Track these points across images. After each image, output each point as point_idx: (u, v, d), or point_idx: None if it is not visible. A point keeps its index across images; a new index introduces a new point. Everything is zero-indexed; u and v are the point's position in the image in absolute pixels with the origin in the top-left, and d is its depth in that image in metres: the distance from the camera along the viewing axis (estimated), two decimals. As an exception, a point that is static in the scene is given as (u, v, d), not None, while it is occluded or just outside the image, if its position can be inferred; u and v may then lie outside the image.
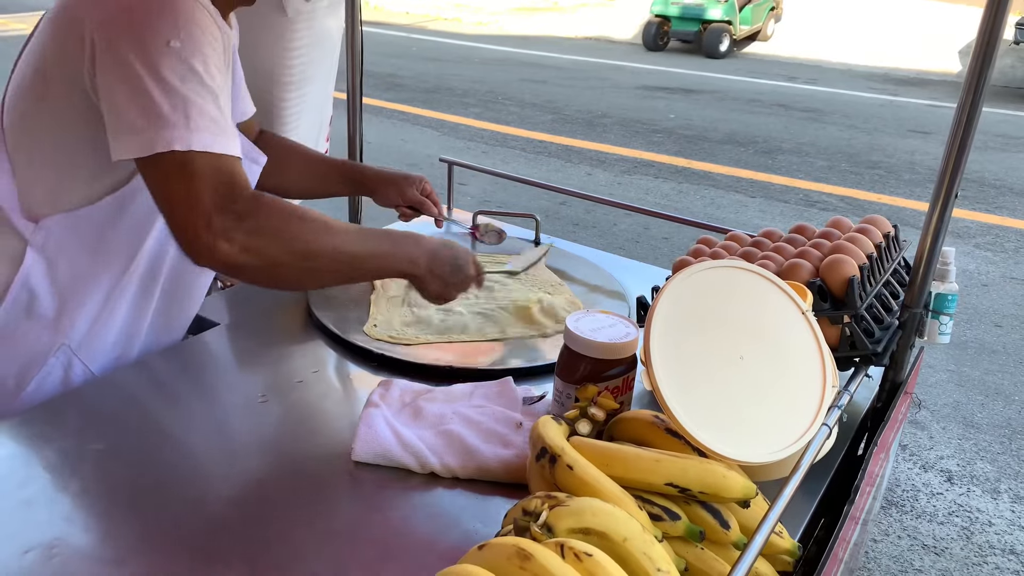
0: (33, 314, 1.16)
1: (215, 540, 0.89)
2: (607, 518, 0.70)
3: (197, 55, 1.01)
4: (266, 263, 1.03)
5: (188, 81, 0.99)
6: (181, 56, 0.99)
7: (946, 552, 2.41)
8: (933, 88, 10.35)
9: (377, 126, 6.99)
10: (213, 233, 0.98)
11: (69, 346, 1.20)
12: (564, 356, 1.03)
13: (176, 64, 0.99)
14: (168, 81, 0.98)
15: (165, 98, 0.98)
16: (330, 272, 1.12)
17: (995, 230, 5.14)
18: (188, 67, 0.99)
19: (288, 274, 1.07)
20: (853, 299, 1.09)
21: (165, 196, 1.01)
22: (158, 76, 0.98)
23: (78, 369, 1.22)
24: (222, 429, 1.12)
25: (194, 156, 0.99)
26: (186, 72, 0.99)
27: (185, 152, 0.98)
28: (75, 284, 1.17)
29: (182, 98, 0.98)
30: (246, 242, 0.99)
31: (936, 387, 3.31)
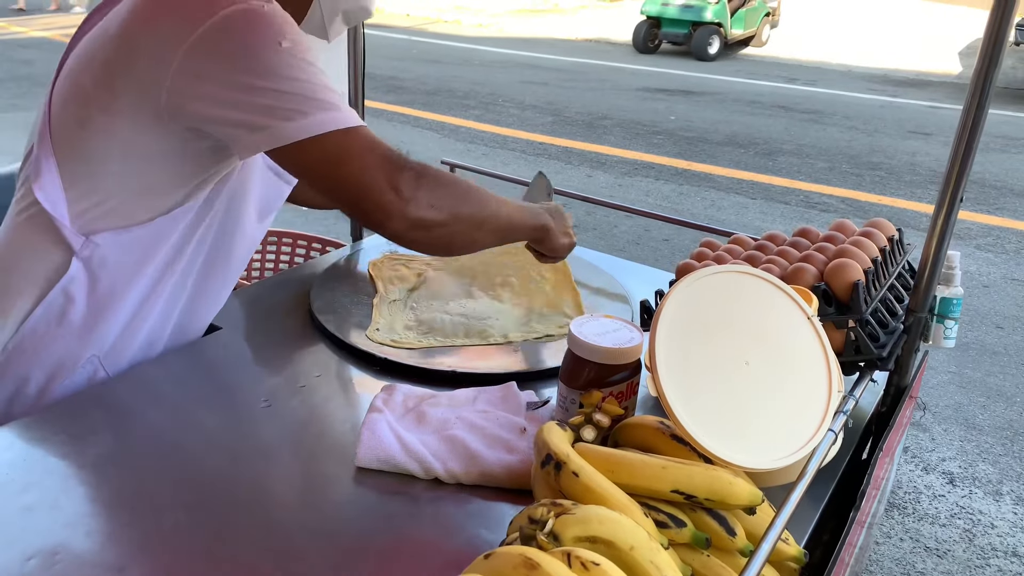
0: (65, 322, 1.15)
1: (217, 545, 0.89)
2: (614, 526, 0.70)
3: (304, 50, 1.03)
4: (449, 218, 1.07)
5: (309, 72, 1.02)
6: (295, 53, 1.01)
7: (948, 554, 2.40)
8: (933, 89, 10.36)
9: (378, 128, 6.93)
10: (401, 197, 1.02)
11: (98, 356, 1.20)
12: (568, 361, 1.02)
13: (295, 60, 1.01)
14: (295, 77, 1.00)
15: (307, 88, 1.00)
16: (491, 233, 1.17)
17: (996, 231, 5.14)
18: (305, 60, 1.02)
19: (463, 231, 1.11)
20: (858, 304, 1.09)
21: (335, 178, 1.03)
22: (284, 76, 1.00)
23: (101, 377, 1.22)
24: (224, 433, 1.11)
25: (353, 133, 1.02)
26: (304, 65, 1.02)
27: (345, 131, 1.01)
28: (111, 297, 1.16)
29: (320, 85, 1.01)
30: (431, 200, 1.04)
31: (938, 389, 3.30)
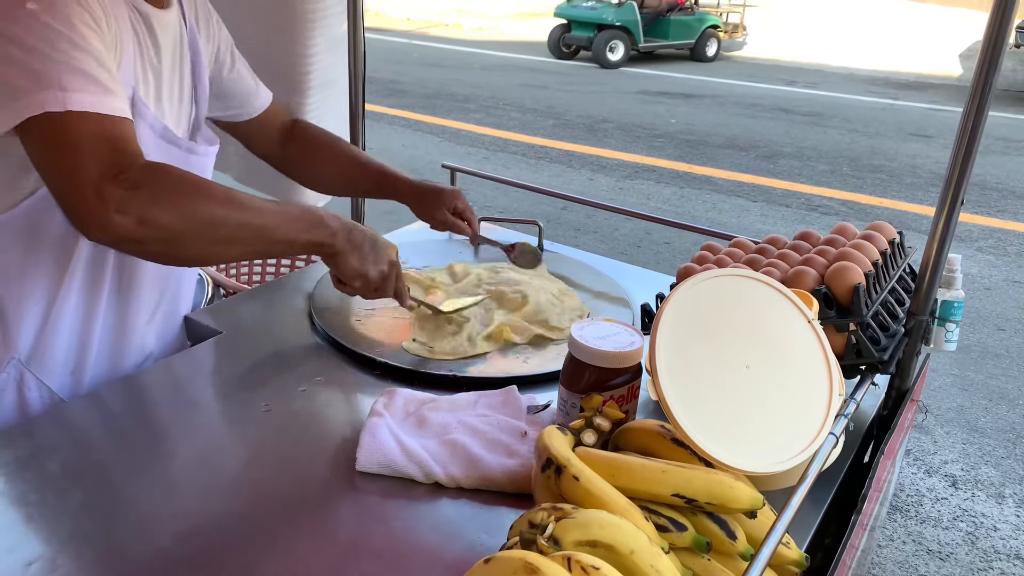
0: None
1: (218, 551, 0.88)
2: (614, 530, 0.70)
3: (60, 16, 0.94)
4: (166, 235, 0.95)
5: (56, 43, 0.93)
6: (41, 19, 0.93)
7: (951, 557, 2.40)
8: (934, 92, 10.36)
9: (379, 132, 7.00)
10: (105, 204, 0.90)
11: (19, 359, 1.15)
12: (569, 365, 1.02)
13: (37, 27, 0.92)
14: (32, 45, 0.92)
15: (33, 61, 0.92)
16: (236, 245, 1.04)
17: (997, 233, 5.14)
18: (52, 29, 0.93)
19: (192, 247, 0.99)
20: (859, 307, 1.09)
21: (48, 166, 0.94)
22: (21, 42, 0.92)
23: (31, 384, 1.17)
24: (225, 438, 1.11)
25: (73, 117, 0.92)
26: (51, 34, 0.93)
27: (61, 114, 0.91)
28: (11, 294, 1.12)
29: (51, 60, 0.92)
30: (142, 212, 0.91)
31: (940, 391, 3.30)
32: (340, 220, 1.14)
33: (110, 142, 0.94)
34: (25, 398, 1.18)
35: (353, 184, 1.59)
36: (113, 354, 1.27)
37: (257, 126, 1.51)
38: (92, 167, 0.91)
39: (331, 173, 1.57)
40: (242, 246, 1.06)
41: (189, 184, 0.98)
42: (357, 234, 1.15)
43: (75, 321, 1.19)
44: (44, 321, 1.15)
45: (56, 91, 0.91)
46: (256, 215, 1.03)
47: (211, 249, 1.03)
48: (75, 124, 0.92)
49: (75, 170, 0.91)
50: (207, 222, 0.98)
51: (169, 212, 0.94)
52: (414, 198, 1.55)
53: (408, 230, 1.91)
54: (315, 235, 1.10)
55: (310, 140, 1.56)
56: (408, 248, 1.73)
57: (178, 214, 0.95)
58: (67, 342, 1.19)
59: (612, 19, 11.59)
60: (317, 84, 1.93)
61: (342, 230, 1.13)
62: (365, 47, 1.89)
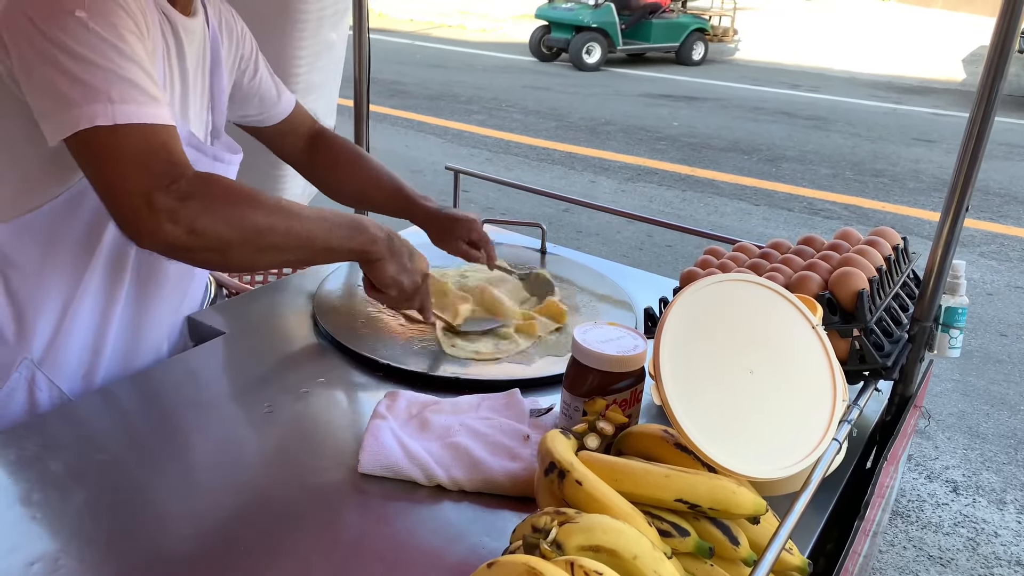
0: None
1: (220, 552, 0.88)
2: (617, 535, 0.70)
3: (106, 24, 0.95)
4: (216, 245, 0.97)
5: (102, 51, 0.93)
6: (89, 26, 0.93)
7: (952, 563, 2.39)
8: (937, 96, 10.36)
9: (382, 133, 7.01)
10: (156, 214, 0.91)
11: (32, 360, 1.16)
12: (572, 369, 1.02)
13: (85, 35, 0.93)
14: (80, 54, 0.92)
15: (81, 72, 0.92)
16: (282, 252, 1.06)
17: (1000, 239, 5.14)
18: (99, 37, 0.93)
19: (240, 255, 1.01)
20: (863, 312, 1.09)
21: (99, 177, 0.95)
22: (68, 50, 0.92)
23: (42, 384, 1.17)
24: (227, 440, 1.11)
25: (122, 130, 0.93)
26: (98, 42, 0.93)
27: (111, 127, 0.92)
28: (29, 295, 1.12)
29: (100, 70, 0.93)
30: (193, 223, 0.93)
31: (941, 397, 3.30)
32: (382, 228, 1.15)
33: (159, 153, 0.95)
34: (35, 399, 1.18)
35: (371, 202, 1.59)
36: (127, 358, 1.27)
37: (280, 132, 1.51)
38: (143, 178, 0.93)
39: (351, 188, 1.57)
40: (288, 254, 1.08)
41: (238, 194, 1.00)
42: (397, 243, 1.18)
43: (90, 324, 1.19)
44: (60, 323, 1.16)
45: (105, 104, 0.92)
46: (303, 223, 1.04)
47: (258, 257, 1.05)
48: (125, 136, 0.93)
49: (126, 181, 0.93)
50: (255, 231, 0.99)
51: (219, 222, 0.96)
52: (429, 225, 1.55)
53: (407, 233, 1.90)
54: (358, 243, 1.12)
55: (333, 152, 1.56)
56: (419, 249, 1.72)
57: (227, 224, 0.97)
58: (81, 345, 1.20)
59: (589, 21, 11.34)
60: (304, 87, 1.92)
61: (384, 238, 1.15)
62: (370, 48, 1.89)
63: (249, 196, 1.00)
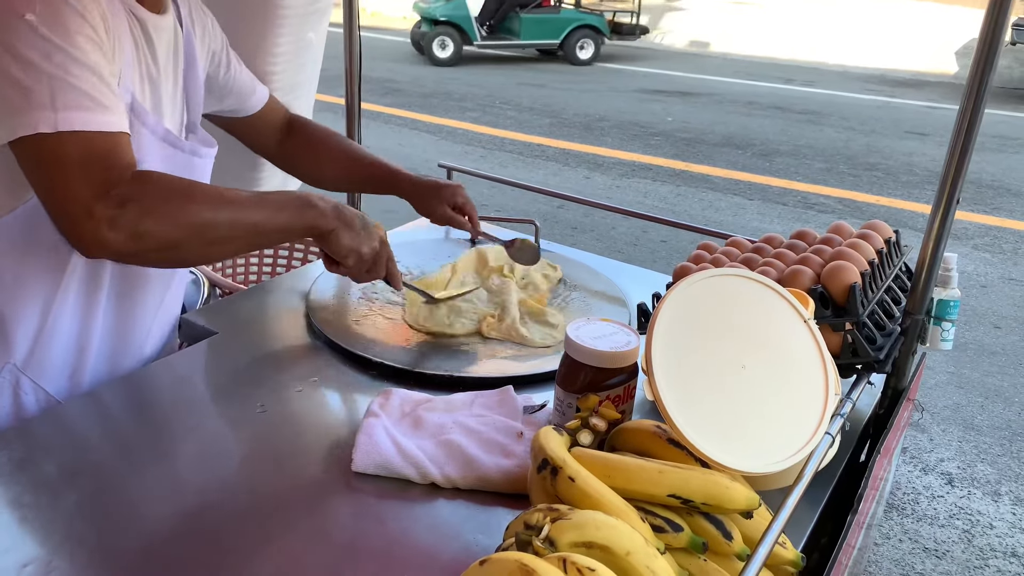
0: None
1: (213, 552, 0.88)
2: (610, 531, 0.70)
3: (58, 28, 0.93)
4: (161, 245, 0.97)
5: (52, 57, 0.92)
6: (39, 31, 0.92)
7: (947, 555, 2.40)
8: (930, 90, 10.37)
9: (375, 131, 6.99)
10: (96, 222, 0.91)
11: (15, 364, 1.14)
12: (565, 365, 1.02)
13: (34, 39, 0.91)
14: (28, 58, 0.91)
15: (27, 77, 0.91)
16: (234, 242, 1.06)
17: (993, 231, 5.15)
18: (48, 41, 0.92)
19: (188, 252, 1.03)
20: (855, 306, 1.09)
21: (41, 184, 0.95)
22: (16, 54, 0.91)
23: (27, 388, 1.16)
24: (220, 439, 1.11)
25: (63, 138, 0.92)
26: (48, 47, 0.92)
27: (52, 134, 0.91)
28: (8, 298, 1.11)
29: (46, 75, 0.91)
30: (135, 227, 0.93)
31: (936, 389, 3.31)
32: (328, 201, 1.15)
33: (100, 159, 0.94)
34: (21, 402, 1.17)
35: (352, 180, 1.59)
36: (112, 358, 1.26)
37: (254, 123, 1.51)
38: (82, 187, 0.92)
39: (330, 169, 1.57)
40: (238, 243, 1.08)
41: (178, 190, 0.99)
42: (347, 212, 1.16)
43: (73, 324, 1.18)
44: (41, 325, 1.15)
45: (48, 111, 0.91)
46: (247, 211, 1.04)
47: (208, 250, 1.05)
48: (66, 144, 0.92)
49: (65, 190, 0.92)
50: (200, 226, 0.99)
51: (161, 223, 0.96)
52: (414, 194, 1.55)
53: (402, 230, 1.90)
54: (308, 219, 1.11)
55: (307, 136, 1.56)
56: (404, 248, 1.72)
57: (170, 223, 0.97)
58: (65, 346, 1.18)
59: (439, 14, 10.74)
60: (282, 86, 1.92)
61: (332, 209, 1.14)
62: (361, 46, 1.89)
63: (188, 192, 1.00)
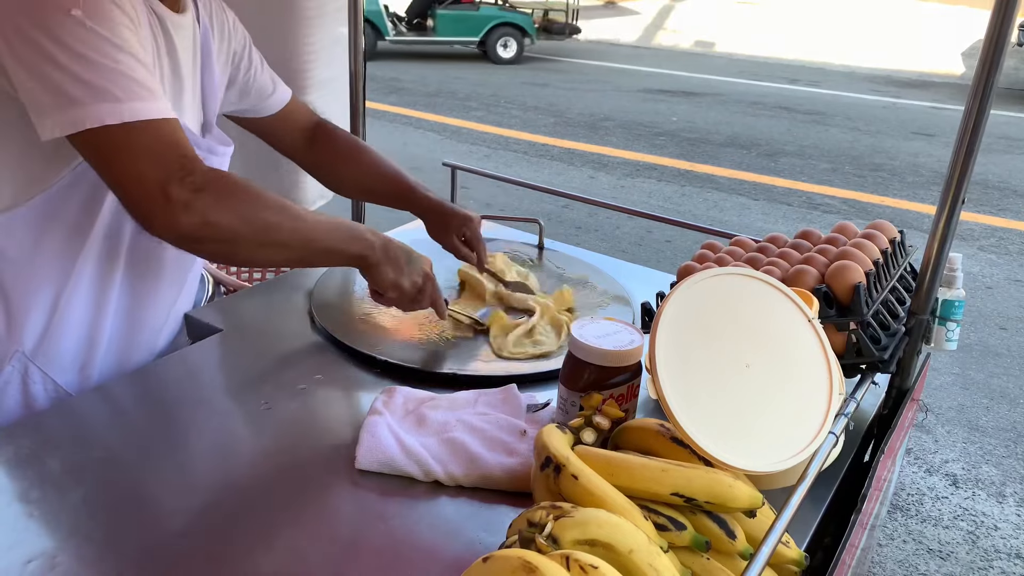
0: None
1: (217, 549, 0.89)
2: (613, 529, 0.70)
3: (104, 21, 0.95)
4: (226, 236, 1.00)
5: (102, 49, 0.94)
6: (87, 24, 0.93)
7: (952, 556, 2.40)
8: (936, 90, 10.35)
9: (380, 130, 7.00)
10: (172, 205, 0.94)
11: (24, 352, 1.16)
12: (568, 363, 1.02)
13: (84, 33, 0.93)
14: (80, 52, 0.93)
15: (83, 70, 0.93)
16: (285, 250, 1.10)
17: (999, 232, 5.13)
18: (97, 35, 0.94)
19: (247, 249, 1.05)
20: (859, 306, 1.09)
21: (111, 172, 0.97)
22: (69, 48, 0.92)
23: (36, 377, 1.17)
24: (224, 437, 1.11)
25: (131, 128, 0.94)
26: (96, 40, 0.94)
27: (121, 125, 0.93)
28: (20, 286, 1.12)
29: (101, 67, 0.93)
30: (206, 213, 0.97)
31: (941, 390, 3.30)
32: (378, 235, 1.20)
33: (171, 146, 0.98)
34: (30, 392, 1.18)
35: (372, 192, 1.59)
36: (122, 350, 1.27)
37: (276, 124, 1.51)
38: (158, 171, 0.95)
39: (353, 179, 1.58)
40: (290, 252, 1.11)
41: (248, 190, 1.03)
42: (393, 248, 1.21)
43: (84, 316, 1.19)
44: (52, 315, 1.16)
45: (112, 102, 0.94)
46: (306, 224, 1.09)
47: (263, 252, 1.08)
48: (136, 133, 0.95)
49: (141, 176, 0.95)
50: (264, 227, 1.04)
51: (231, 215, 1.00)
52: (428, 216, 1.55)
53: (405, 229, 1.90)
54: (356, 248, 1.16)
55: (333, 145, 1.56)
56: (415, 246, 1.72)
57: (239, 217, 1.00)
58: (75, 337, 1.20)
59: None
60: (316, 82, 1.93)
61: (379, 244, 1.19)
62: (365, 45, 1.89)
63: (257, 193, 1.04)
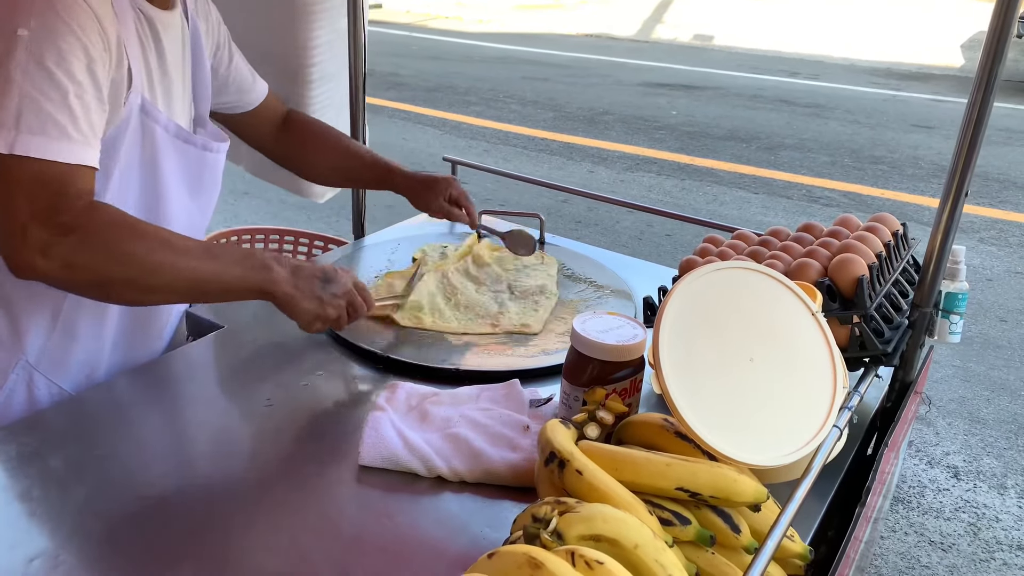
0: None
1: (220, 545, 0.89)
2: (618, 524, 0.70)
3: (49, 48, 0.93)
4: (93, 280, 0.97)
5: (31, 75, 0.92)
6: (29, 48, 0.92)
7: (953, 548, 2.40)
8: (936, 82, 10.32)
9: (379, 125, 6.97)
10: (29, 246, 0.92)
11: (27, 361, 1.15)
12: (571, 358, 1.02)
13: (21, 55, 0.92)
14: (8, 73, 0.91)
15: (1, 91, 0.91)
16: (174, 292, 1.05)
17: (999, 224, 5.12)
18: (35, 60, 0.92)
19: (122, 292, 1.02)
20: (862, 299, 1.09)
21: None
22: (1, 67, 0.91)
23: (41, 384, 1.17)
24: (227, 433, 1.11)
25: (16, 160, 0.92)
26: (31, 66, 0.92)
27: (7, 155, 0.92)
28: (22, 296, 1.12)
29: (19, 93, 0.92)
30: (69, 257, 0.94)
31: (942, 383, 3.30)
32: (287, 263, 1.11)
33: (50, 186, 0.94)
34: (35, 398, 1.18)
35: (347, 175, 1.60)
36: (128, 354, 1.27)
37: (252, 118, 1.51)
38: (24, 209, 0.92)
39: (325, 164, 1.58)
40: (178, 294, 1.08)
41: (125, 231, 0.98)
42: (304, 275, 1.12)
43: (87, 324, 1.19)
44: (54, 323, 1.16)
45: (9, 129, 0.91)
46: (193, 262, 1.02)
47: (143, 296, 1.05)
48: (17, 166, 0.92)
49: (6, 209, 0.92)
50: (141, 270, 0.99)
51: (100, 258, 0.96)
52: (409, 188, 1.56)
53: (407, 224, 1.90)
54: (255, 281, 1.08)
55: (303, 131, 1.56)
56: (410, 241, 1.72)
57: (111, 260, 0.96)
58: (80, 344, 1.19)
59: None
60: (319, 77, 1.93)
61: (285, 274, 1.10)
62: (366, 40, 1.88)
63: (135, 231, 0.99)
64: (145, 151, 1.14)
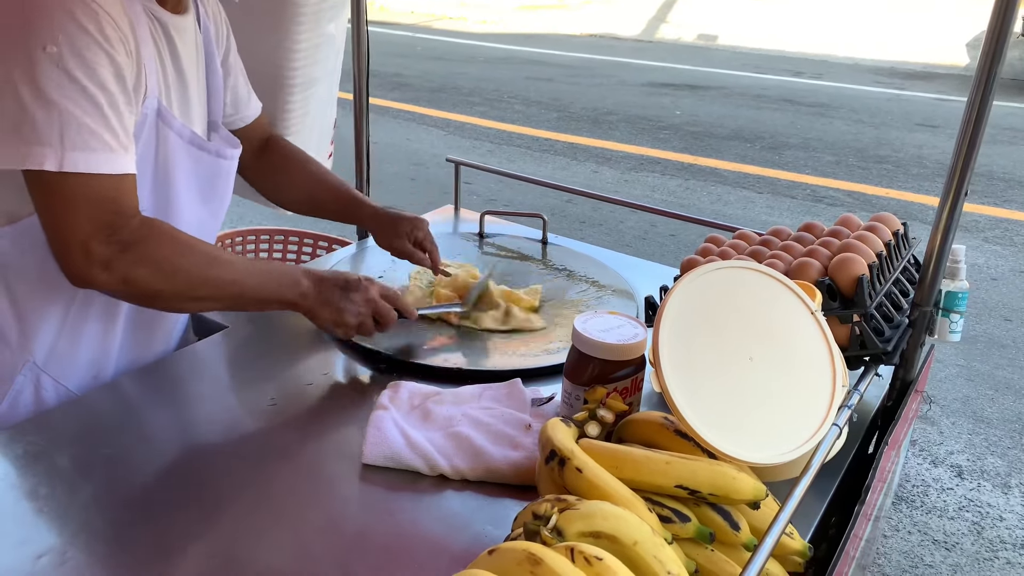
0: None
1: (225, 543, 0.89)
2: (617, 521, 0.70)
3: (79, 62, 0.94)
4: (147, 293, 1.04)
5: (65, 90, 0.93)
6: (59, 63, 0.93)
7: (957, 547, 2.40)
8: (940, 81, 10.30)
9: (383, 126, 6.99)
10: (91, 261, 0.96)
11: (35, 362, 1.16)
12: (572, 357, 1.03)
13: (52, 71, 0.93)
14: (43, 90, 0.92)
15: (39, 109, 0.92)
16: (217, 301, 1.13)
17: (1004, 223, 5.11)
18: (66, 75, 0.93)
19: (170, 302, 1.09)
20: (862, 298, 1.09)
21: (43, 215, 0.99)
22: (33, 84, 0.92)
23: (48, 386, 1.18)
24: (231, 433, 1.12)
25: (68, 178, 0.94)
26: (63, 80, 0.93)
27: (57, 173, 0.93)
28: (31, 298, 1.12)
29: (58, 110, 0.93)
30: (127, 272, 0.99)
31: (946, 382, 3.29)
32: (312, 275, 1.19)
33: (104, 203, 0.97)
34: (43, 399, 1.18)
35: (317, 204, 1.57)
36: (135, 356, 1.28)
37: (240, 136, 1.47)
38: (84, 226, 0.96)
39: (297, 191, 1.57)
40: (220, 303, 1.16)
41: (177, 247, 1.04)
42: (327, 286, 1.20)
43: (96, 326, 1.20)
44: (63, 325, 1.16)
45: (56, 147, 0.93)
46: (236, 276, 1.11)
47: (189, 305, 1.15)
48: (71, 183, 0.95)
49: (66, 226, 0.96)
50: (188, 284, 1.06)
51: (153, 274, 1.02)
52: (374, 225, 1.53)
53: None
54: (288, 295, 1.17)
55: (282, 156, 1.56)
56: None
57: (161, 276, 1.03)
58: (88, 346, 1.20)
59: None
60: (302, 82, 1.92)
61: (312, 287, 1.18)
62: (368, 41, 1.89)
63: (187, 247, 1.05)
64: (159, 156, 1.15)
